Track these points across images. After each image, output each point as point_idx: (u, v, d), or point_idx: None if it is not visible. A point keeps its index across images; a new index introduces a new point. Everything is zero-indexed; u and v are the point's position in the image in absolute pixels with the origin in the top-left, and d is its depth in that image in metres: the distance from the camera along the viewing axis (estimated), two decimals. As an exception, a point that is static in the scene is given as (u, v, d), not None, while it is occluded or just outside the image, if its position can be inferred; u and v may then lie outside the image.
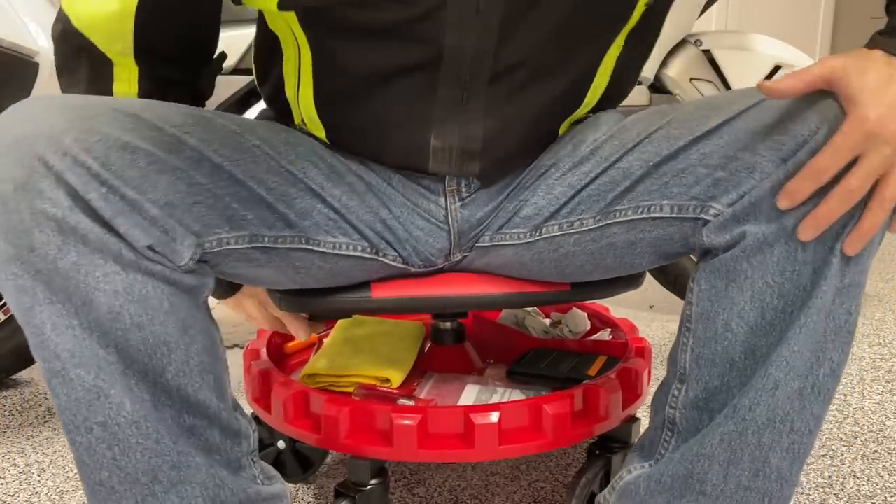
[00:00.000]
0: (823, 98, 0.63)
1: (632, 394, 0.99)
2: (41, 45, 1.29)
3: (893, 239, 2.77)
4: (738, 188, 0.66)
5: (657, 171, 0.72)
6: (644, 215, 0.73)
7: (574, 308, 1.26)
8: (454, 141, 0.76)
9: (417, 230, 0.82)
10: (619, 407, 0.95)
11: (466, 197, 0.81)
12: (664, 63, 1.76)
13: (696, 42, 1.74)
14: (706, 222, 0.69)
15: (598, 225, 0.76)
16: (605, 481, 1.00)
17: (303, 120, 0.81)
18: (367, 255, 0.80)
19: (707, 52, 1.77)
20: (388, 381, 1.01)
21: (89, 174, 0.59)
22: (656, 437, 0.76)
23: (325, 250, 0.77)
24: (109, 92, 0.79)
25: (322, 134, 0.80)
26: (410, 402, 0.95)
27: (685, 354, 0.72)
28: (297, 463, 1.14)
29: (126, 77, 0.79)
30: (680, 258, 0.77)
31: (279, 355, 1.14)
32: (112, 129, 0.61)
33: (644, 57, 0.85)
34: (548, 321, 1.26)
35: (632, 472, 0.79)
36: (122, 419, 0.63)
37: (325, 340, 1.16)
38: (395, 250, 0.82)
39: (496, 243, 0.83)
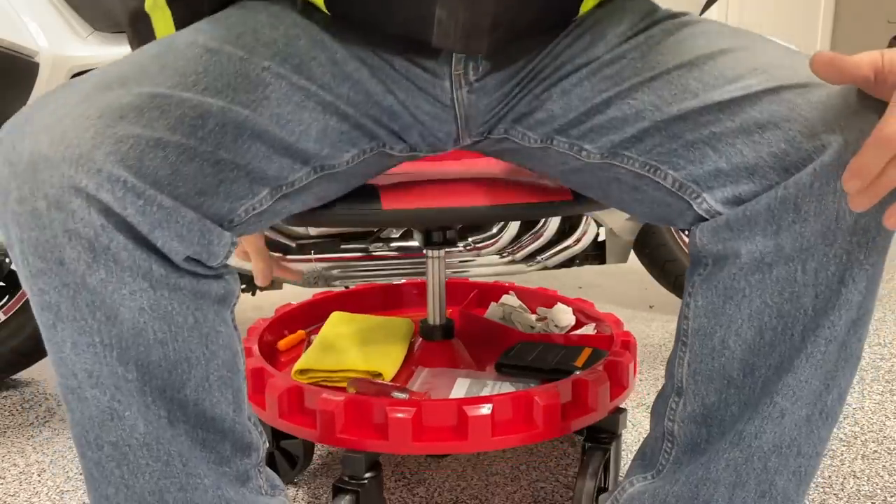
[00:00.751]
0: (836, 108, 0.60)
1: (619, 385, 1.01)
2: (41, 45, 1.29)
3: (893, 239, 2.77)
4: (734, 187, 0.65)
5: (666, 129, 0.69)
6: (649, 174, 0.71)
7: (559, 303, 1.28)
8: (461, 13, 0.71)
9: (423, 114, 0.78)
10: (608, 398, 0.97)
11: (474, 82, 0.77)
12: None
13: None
14: (698, 218, 0.68)
15: (604, 160, 0.74)
16: (605, 473, 1.01)
17: None
18: (376, 151, 0.78)
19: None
20: (380, 375, 1.02)
21: (125, 188, 0.57)
22: (657, 447, 0.76)
23: (338, 169, 0.75)
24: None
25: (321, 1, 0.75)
26: (405, 396, 0.95)
27: (682, 369, 0.71)
28: (283, 461, 1.14)
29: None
30: (669, 225, 0.76)
31: (270, 352, 1.15)
32: (141, 128, 0.59)
33: None
34: (534, 317, 1.27)
35: (634, 484, 0.78)
36: (133, 441, 0.63)
37: (314, 337, 1.17)
38: (403, 140, 0.79)
39: (508, 137, 0.80)
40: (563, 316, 1.24)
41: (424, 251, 1.10)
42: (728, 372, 0.67)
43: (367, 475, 0.91)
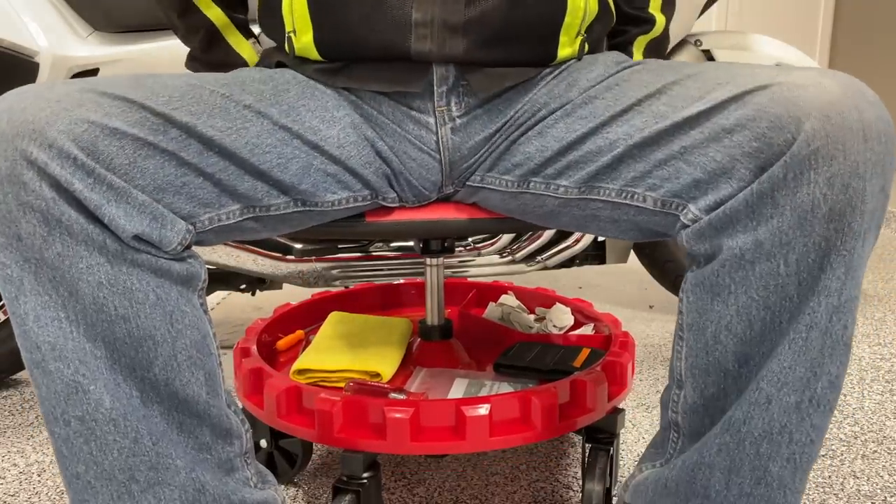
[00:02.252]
0: (799, 99, 0.61)
1: (617, 386, 1.01)
2: (41, 45, 1.30)
3: (893, 239, 2.77)
4: (715, 193, 0.66)
5: (640, 153, 0.71)
6: (628, 201, 0.73)
7: (557, 303, 1.28)
8: (436, 11, 0.75)
9: (410, 160, 0.82)
10: (605, 398, 0.97)
11: (458, 118, 0.81)
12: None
13: (696, 42, 1.74)
14: (684, 225, 0.69)
15: (581, 196, 0.76)
16: (610, 473, 1.01)
17: (293, 30, 0.80)
18: (370, 202, 0.81)
19: (707, 52, 1.77)
20: (378, 375, 1.02)
21: (75, 165, 0.59)
22: (665, 437, 0.77)
23: (324, 209, 0.78)
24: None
25: (309, 36, 0.79)
26: (402, 396, 0.96)
27: (680, 362, 0.72)
28: (283, 461, 1.14)
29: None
30: (666, 239, 0.77)
31: (269, 353, 1.15)
32: (99, 117, 0.62)
33: None
34: (532, 317, 1.27)
35: (643, 471, 0.80)
36: (99, 415, 0.64)
37: (312, 337, 1.17)
38: (392, 188, 0.83)
39: (485, 185, 0.83)
40: (562, 316, 1.24)
41: (424, 258, 1.10)
42: (723, 364, 0.68)
43: (366, 475, 0.91)
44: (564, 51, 0.81)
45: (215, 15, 0.91)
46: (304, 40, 0.80)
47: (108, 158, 0.61)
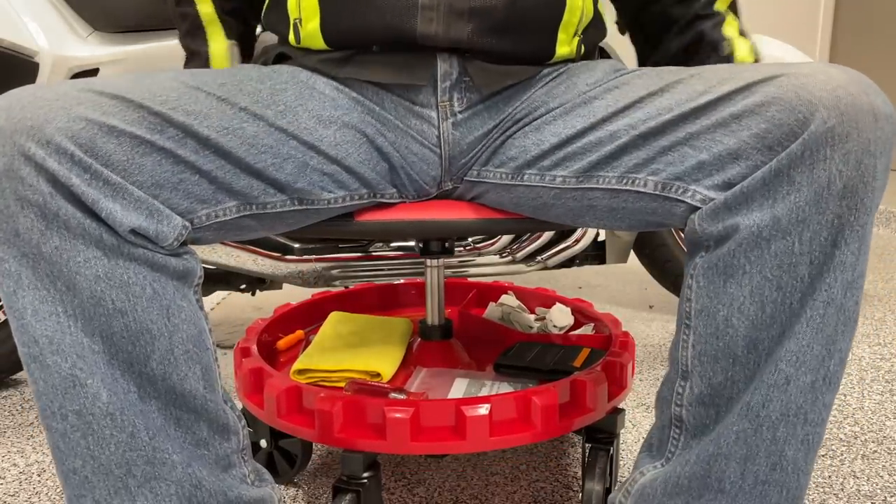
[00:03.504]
0: (809, 85, 0.63)
1: (617, 386, 1.01)
2: (41, 45, 1.29)
3: (893, 239, 2.77)
4: (721, 174, 0.67)
5: (643, 142, 0.72)
6: (627, 187, 0.73)
7: (557, 304, 1.28)
8: None
9: (412, 155, 0.82)
10: (605, 399, 0.97)
11: (459, 114, 0.82)
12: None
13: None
14: (694, 209, 0.69)
15: (579, 185, 0.77)
16: (611, 473, 1.01)
17: (300, 17, 0.81)
18: (368, 200, 0.82)
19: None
20: (378, 375, 1.02)
21: (72, 161, 0.60)
22: (664, 436, 0.76)
23: (320, 207, 0.78)
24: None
25: (316, 22, 0.80)
26: (402, 396, 0.96)
27: (686, 351, 0.72)
28: (283, 461, 1.14)
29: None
30: (660, 229, 0.78)
31: (269, 352, 1.15)
32: (97, 115, 0.63)
33: None
34: (532, 317, 1.27)
35: (644, 473, 0.79)
36: (97, 409, 0.64)
37: (312, 338, 1.17)
38: (392, 184, 0.83)
39: (481, 179, 0.84)
40: (562, 316, 1.24)
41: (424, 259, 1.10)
42: (733, 350, 0.68)
43: (366, 475, 0.91)
44: (563, 49, 0.83)
45: (205, 11, 0.93)
46: (310, 27, 0.80)
47: (106, 155, 0.62)
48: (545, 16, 0.80)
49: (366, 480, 0.91)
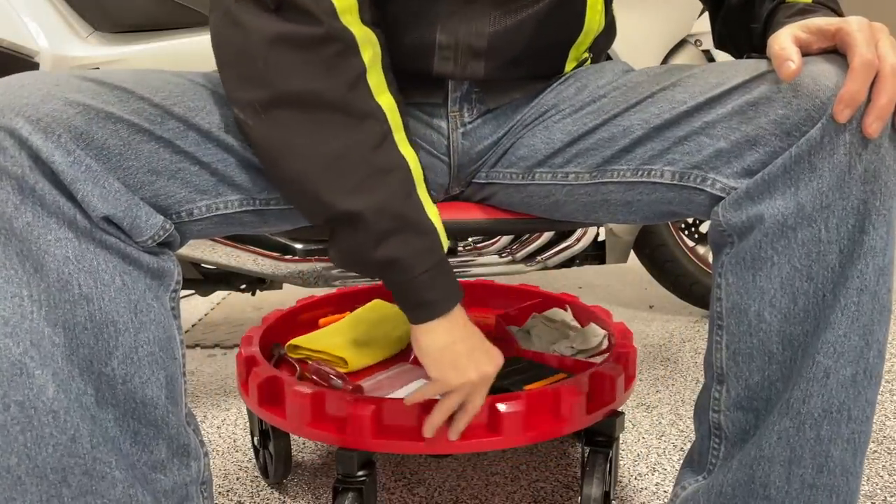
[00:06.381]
0: (824, 71, 0.63)
1: (606, 399, 0.97)
2: (41, 45, 1.29)
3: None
4: (740, 161, 0.66)
5: (658, 134, 0.71)
6: (643, 178, 0.73)
7: (592, 324, 1.22)
8: (460, 35, 0.76)
9: (421, 163, 0.80)
10: (581, 414, 0.94)
11: (469, 124, 0.82)
12: (664, 63, 1.76)
13: (696, 42, 1.74)
14: (714, 199, 0.69)
15: (593, 181, 0.76)
16: (610, 475, 1.01)
17: None
18: None
19: (707, 52, 1.77)
20: (345, 362, 1.06)
21: (58, 142, 0.60)
22: (704, 448, 0.75)
23: None
24: None
25: None
26: (339, 384, 1.01)
27: (720, 353, 0.71)
28: (272, 463, 1.14)
29: None
30: (675, 220, 0.77)
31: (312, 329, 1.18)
32: (96, 102, 0.62)
33: None
34: (558, 334, 1.20)
35: (686, 487, 0.77)
36: (40, 404, 0.59)
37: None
38: None
39: (491, 181, 0.84)
40: (591, 339, 1.17)
41: None
42: (767, 347, 0.67)
43: (361, 473, 0.91)
44: (571, 65, 0.84)
45: (387, 103, 0.75)
46: None
47: (102, 139, 0.61)
48: (561, 41, 0.81)
49: (363, 478, 0.91)
